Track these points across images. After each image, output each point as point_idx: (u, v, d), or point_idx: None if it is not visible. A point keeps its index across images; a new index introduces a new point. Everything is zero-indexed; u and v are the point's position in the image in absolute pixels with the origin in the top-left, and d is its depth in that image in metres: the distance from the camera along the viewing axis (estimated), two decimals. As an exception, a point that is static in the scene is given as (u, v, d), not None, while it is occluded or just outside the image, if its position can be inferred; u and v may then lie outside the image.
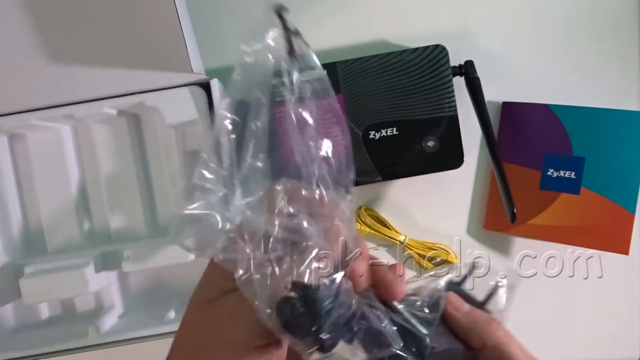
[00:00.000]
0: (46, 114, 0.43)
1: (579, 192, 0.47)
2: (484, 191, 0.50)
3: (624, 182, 0.47)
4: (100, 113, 0.44)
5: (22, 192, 0.47)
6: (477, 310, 0.28)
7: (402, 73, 0.45)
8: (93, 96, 0.43)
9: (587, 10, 0.49)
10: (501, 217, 0.47)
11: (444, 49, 0.45)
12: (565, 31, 0.49)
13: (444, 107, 0.45)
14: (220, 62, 0.49)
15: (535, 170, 0.48)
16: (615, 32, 0.49)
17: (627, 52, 0.49)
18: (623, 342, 0.50)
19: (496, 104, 0.49)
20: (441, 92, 0.45)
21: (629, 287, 0.50)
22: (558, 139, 0.48)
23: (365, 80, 0.45)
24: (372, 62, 0.45)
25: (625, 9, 0.49)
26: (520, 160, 0.49)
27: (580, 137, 0.47)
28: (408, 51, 0.45)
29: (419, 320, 0.26)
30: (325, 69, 0.45)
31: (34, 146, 0.46)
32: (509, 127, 0.49)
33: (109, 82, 0.43)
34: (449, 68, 0.45)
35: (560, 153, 0.48)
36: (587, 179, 0.47)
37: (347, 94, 0.45)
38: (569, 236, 0.47)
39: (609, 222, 0.47)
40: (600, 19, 0.49)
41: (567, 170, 0.47)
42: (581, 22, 0.49)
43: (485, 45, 0.49)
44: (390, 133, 0.45)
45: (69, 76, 0.42)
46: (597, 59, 0.49)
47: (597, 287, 0.49)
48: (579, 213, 0.47)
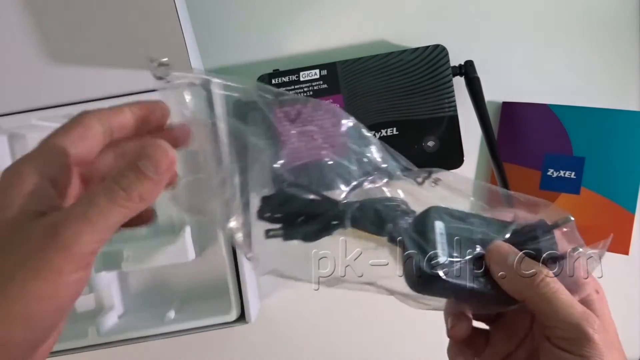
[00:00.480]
0: (46, 114, 0.43)
1: (579, 192, 0.47)
2: (484, 191, 0.50)
3: (624, 182, 0.47)
4: (100, 113, 0.44)
5: (22, 192, 0.47)
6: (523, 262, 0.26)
7: (402, 73, 0.45)
8: (93, 96, 0.43)
9: (588, 10, 0.49)
10: (501, 217, 0.47)
11: (444, 49, 0.45)
12: (566, 31, 0.49)
13: (444, 107, 0.45)
14: (220, 62, 0.49)
15: (535, 170, 0.48)
16: (615, 32, 0.49)
17: (627, 52, 0.49)
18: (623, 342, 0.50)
19: (496, 104, 0.49)
20: (441, 92, 0.45)
21: (629, 287, 0.50)
22: (558, 139, 0.48)
23: (365, 80, 0.45)
24: (372, 62, 0.45)
25: (625, 9, 0.49)
26: (520, 160, 0.49)
27: (580, 137, 0.47)
28: (408, 51, 0.45)
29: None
30: (325, 69, 0.46)
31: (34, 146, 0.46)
32: (509, 127, 0.49)
33: (109, 82, 0.43)
34: (449, 68, 0.45)
35: (560, 153, 0.48)
36: (587, 179, 0.47)
37: (347, 94, 0.45)
38: (569, 236, 0.47)
39: (609, 222, 0.47)
40: (600, 19, 0.49)
41: (567, 170, 0.47)
42: (581, 22, 0.49)
43: (485, 45, 0.49)
44: (390, 133, 0.45)
45: (69, 76, 0.42)
46: (597, 59, 0.49)
47: (597, 287, 0.49)
48: (579, 213, 0.47)
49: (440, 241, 0.26)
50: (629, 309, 0.50)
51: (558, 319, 0.25)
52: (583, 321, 0.25)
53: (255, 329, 0.50)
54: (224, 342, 0.51)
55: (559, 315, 0.25)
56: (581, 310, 0.25)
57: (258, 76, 0.46)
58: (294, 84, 0.45)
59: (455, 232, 0.27)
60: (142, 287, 0.49)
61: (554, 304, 0.25)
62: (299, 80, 0.45)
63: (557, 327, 0.25)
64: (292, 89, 0.45)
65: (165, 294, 0.48)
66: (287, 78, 0.45)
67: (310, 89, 0.45)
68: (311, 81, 0.45)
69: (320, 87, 0.45)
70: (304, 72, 0.45)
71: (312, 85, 0.45)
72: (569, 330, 0.25)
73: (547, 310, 0.26)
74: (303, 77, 0.45)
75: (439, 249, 0.26)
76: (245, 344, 0.51)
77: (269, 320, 0.51)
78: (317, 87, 0.45)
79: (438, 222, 0.27)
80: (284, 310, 0.51)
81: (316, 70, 0.45)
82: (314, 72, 0.45)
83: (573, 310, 0.25)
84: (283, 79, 0.45)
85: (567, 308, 0.25)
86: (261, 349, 0.52)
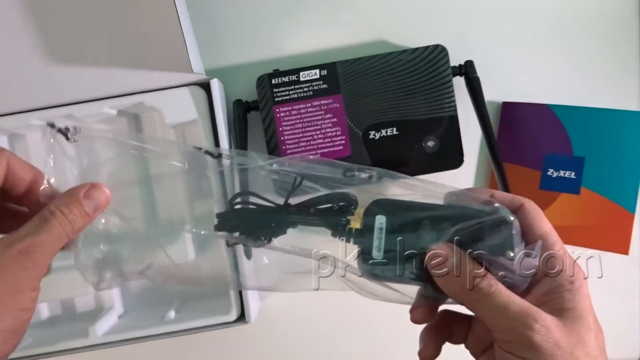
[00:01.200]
0: (46, 114, 0.43)
1: (579, 192, 0.47)
2: (484, 191, 0.50)
3: (624, 182, 0.47)
4: (100, 113, 0.44)
5: (22, 192, 0.47)
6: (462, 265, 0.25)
7: (402, 73, 0.45)
8: (93, 96, 0.43)
9: (588, 10, 0.49)
10: (501, 217, 0.47)
11: (444, 49, 0.45)
12: (566, 31, 0.49)
13: (444, 107, 0.45)
14: (220, 62, 0.49)
15: (535, 170, 0.48)
16: (615, 32, 0.49)
17: (627, 52, 0.49)
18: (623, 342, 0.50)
19: (496, 104, 0.49)
20: (441, 92, 0.45)
21: (629, 287, 0.50)
22: (558, 139, 0.48)
23: (365, 80, 0.45)
24: (372, 62, 0.45)
25: (625, 9, 0.49)
26: (520, 160, 0.49)
27: (580, 137, 0.47)
28: (408, 51, 0.45)
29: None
30: (325, 69, 0.46)
31: (34, 146, 0.46)
32: (509, 127, 0.49)
33: (109, 82, 0.43)
34: (449, 68, 0.45)
35: (560, 153, 0.48)
36: (587, 179, 0.47)
37: (347, 94, 0.45)
38: (569, 236, 0.47)
39: (609, 222, 0.47)
40: (600, 19, 0.49)
41: (567, 170, 0.47)
42: (581, 22, 0.49)
43: (485, 45, 0.49)
44: (390, 133, 0.45)
45: (69, 76, 0.42)
46: (597, 59, 0.49)
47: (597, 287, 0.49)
48: (579, 213, 0.47)
49: (377, 236, 0.27)
50: (629, 309, 0.50)
51: (493, 323, 0.24)
52: (518, 323, 0.23)
53: (255, 329, 0.50)
54: (224, 342, 0.51)
55: (492, 319, 0.24)
56: (517, 311, 0.24)
57: (258, 76, 0.46)
58: (294, 84, 0.45)
59: (398, 226, 0.27)
60: (142, 287, 0.49)
61: (487, 308, 0.24)
62: (299, 80, 0.45)
63: (496, 330, 0.24)
64: (292, 89, 0.45)
65: (165, 294, 0.48)
66: (287, 78, 0.45)
67: (310, 89, 0.45)
68: (311, 81, 0.45)
69: (320, 87, 0.45)
70: (304, 72, 0.45)
71: (312, 85, 0.45)
72: (506, 332, 0.24)
73: (482, 315, 0.25)
74: (303, 77, 0.45)
75: (375, 245, 0.27)
76: (245, 344, 0.51)
77: (269, 320, 0.51)
78: (317, 87, 0.45)
79: (379, 217, 0.27)
80: (284, 310, 0.51)
81: (316, 70, 0.45)
82: (314, 72, 0.45)
83: (508, 312, 0.24)
84: (283, 79, 0.45)
85: (502, 310, 0.24)
86: (261, 349, 0.52)
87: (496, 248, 0.25)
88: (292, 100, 0.45)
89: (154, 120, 0.47)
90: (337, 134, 0.46)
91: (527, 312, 0.24)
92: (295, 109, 0.45)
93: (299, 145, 0.45)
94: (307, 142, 0.46)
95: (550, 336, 0.23)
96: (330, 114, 0.45)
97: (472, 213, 0.26)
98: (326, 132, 0.45)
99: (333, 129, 0.46)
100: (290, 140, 0.45)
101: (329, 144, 0.46)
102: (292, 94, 0.45)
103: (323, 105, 0.45)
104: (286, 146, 0.46)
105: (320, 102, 0.45)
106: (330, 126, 0.46)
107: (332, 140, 0.46)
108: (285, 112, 0.45)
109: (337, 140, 0.46)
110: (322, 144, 0.46)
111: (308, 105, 0.45)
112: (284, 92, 0.45)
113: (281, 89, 0.45)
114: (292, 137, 0.45)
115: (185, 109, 0.43)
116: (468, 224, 0.26)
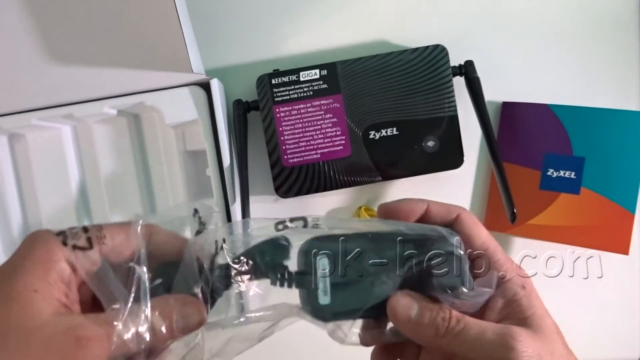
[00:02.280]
0: (46, 114, 0.43)
1: (579, 192, 0.47)
2: (484, 191, 0.50)
3: (624, 182, 0.47)
4: (100, 113, 0.44)
5: (22, 192, 0.47)
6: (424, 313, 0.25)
7: (402, 73, 0.45)
8: (93, 96, 0.43)
9: (588, 10, 0.49)
10: (501, 217, 0.47)
11: (443, 49, 0.45)
12: (566, 31, 0.49)
13: (444, 107, 0.45)
14: (220, 62, 0.49)
15: (535, 170, 0.48)
16: (615, 32, 0.49)
17: (627, 52, 0.49)
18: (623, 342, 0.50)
19: (496, 104, 0.49)
20: (441, 92, 0.45)
21: (629, 287, 0.50)
22: (558, 139, 0.48)
23: (365, 80, 0.45)
24: (372, 62, 0.45)
25: (626, 9, 0.49)
26: (520, 160, 0.49)
27: (580, 137, 0.47)
28: (408, 51, 0.45)
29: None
30: (325, 69, 0.46)
31: (34, 146, 0.46)
32: (509, 127, 0.49)
33: (109, 82, 0.43)
34: (449, 68, 0.45)
35: (560, 153, 0.48)
36: (587, 179, 0.47)
37: (347, 94, 0.45)
38: (569, 236, 0.47)
39: (609, 222, 0.47)
40: (600, 19, 0.49)
41: (567, 170, 0.47)
42: (581, 22, 0.49)
43: (485, 45, 0.49)
44: (390, 133, 0.45)
45: (69, 76, 0.42)
46: (597, 59, 0.49)
47: (597, 287, 0.49)
48: (579, 213, 0.47)
49: (322, 286, 0.26)
50: (629, 309, 0.50)
51: (472, 357, 0.24)
52: (498, 348, 0.23)
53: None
54: (224, 342, 0.51)
55: (471, 353, 0.24)
56: (494, 337, 0.24)
57: (258, 76, 0.46)
58: (294, 84, 0.45)
59: (343, 267, 0.26)
60: (142, 287, 0.49)
61: (463, 344, 0.24)
62: (299, 80, 0.45)
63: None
64: (292, 89, 0.45)
65: (165, 294, 0.48)
66: (287, 78, 0.45)
67: (310, 89, 0.45)
68: (311, 81, 0.45)
69: (320, 87, 0.45)
70: (304, 72, 0.45)
71: (312, 85, 0.45)
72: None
73: (459, 352, 0.24)
74: (303, 77, 0.45)
75: (320, 290, 0.26)
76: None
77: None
78: (317, 87, 0.45)
79: (321, 261, 0.26)
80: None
81: (316, 70, 0.45)
82: (314, 72, 0.45)
83: (483, 341, 0.23)
84: (283, 79, 0.45)
85: (478, 342, 0.24)
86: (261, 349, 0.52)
87: (450, 282, 0.25)
88: (292, 100, 0.45)
89: (154, 120, 0.47)
90: (337, 134, 0.46)
91: (502, 333, 0.24)
92: (295, 109, 0.45)
93: (299, 145, 0.45)
94: (307, 142, 0.46)
95: (532, 350, 0.23)
96: (330, 114, 0.45)
97: (419, 242, 0.26)
98: (326, 132, 0.46)
99: (333, 129, 0.46)
100: (290, 140, 0.45)
101: (329, 144, 0.46)
102: (292, 94, 0.45)
103: (323, 105, 0.45)
104: (286, 146, 0.46)
105: (320, 102, 0.45)
106: (330, 126, 0.46)
107: (332, 140, 0.46)
108: (285, 112, 0.45)
109: (337, 140, 0.46)
110: (322, 144, 0.46)
111: (308, 105, 0.45)
112: (284, 92, 0.45)
113: (281, 89, 0.45)
114: (292, 137, 0.45)
115: (185, 108, 0.43)
116: (418, 259, 0.26)
